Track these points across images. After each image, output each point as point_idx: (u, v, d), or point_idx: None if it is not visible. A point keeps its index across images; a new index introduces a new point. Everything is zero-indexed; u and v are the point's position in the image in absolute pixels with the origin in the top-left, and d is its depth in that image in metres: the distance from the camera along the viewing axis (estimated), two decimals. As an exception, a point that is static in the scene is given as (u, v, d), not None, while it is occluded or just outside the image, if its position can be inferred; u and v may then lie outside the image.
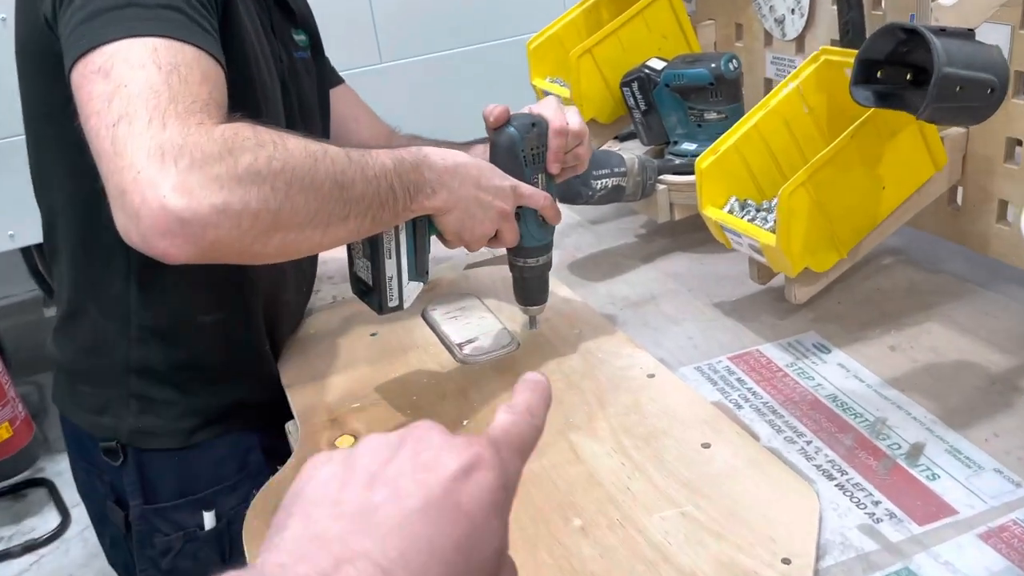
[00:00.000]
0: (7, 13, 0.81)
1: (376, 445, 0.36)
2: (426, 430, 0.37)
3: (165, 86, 0.63)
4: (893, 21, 0.73)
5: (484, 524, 0.34)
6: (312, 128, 0.98)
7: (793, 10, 1.12)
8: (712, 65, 1.07)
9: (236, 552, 0.91)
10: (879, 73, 0.75)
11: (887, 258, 1.06)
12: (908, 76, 0.73)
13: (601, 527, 0.68)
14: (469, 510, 0.33)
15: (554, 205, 0.86)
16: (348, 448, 0.37)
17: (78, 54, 0.65)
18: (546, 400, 0.41)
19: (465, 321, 1.02)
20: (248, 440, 0.96)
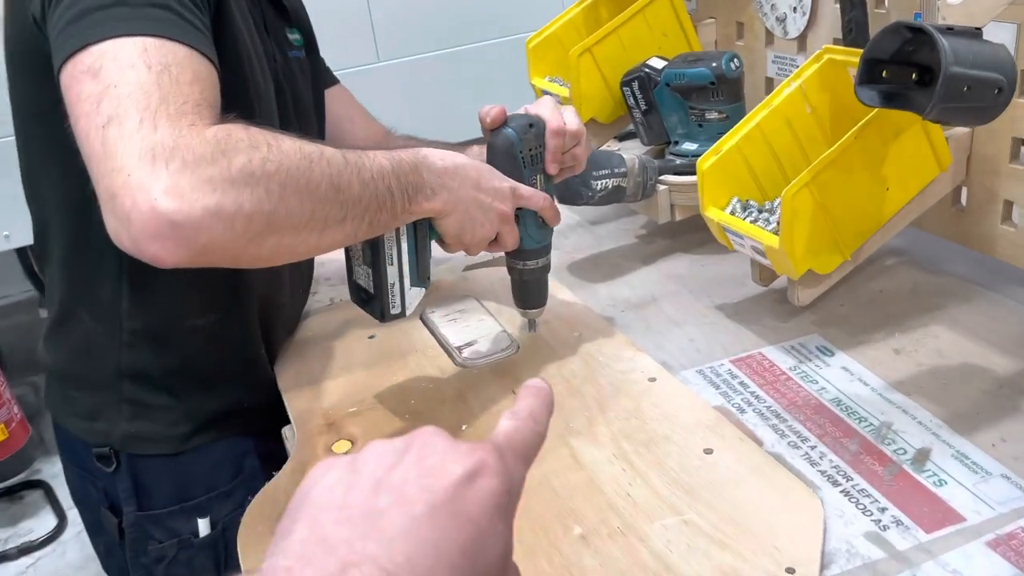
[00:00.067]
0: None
1: (381, 451, 0.36)
2: (431, 435, 0.37)
3: (156, 86, 0.61)
4: (899, 20, 0.72)
5: (489, 529, 0.34)
6: (307, 128, 0.97)
7: (795, 8, 1.10)
8: (713, 64, 1.06)
9: (231, 560, 0.90)
10: (884, 73, 0.74)
11: (890, 259, 1.05)
12: (914, 76, 0.72)
13: (602, 535, 0.67)
14: (474, 515, 0.33)
15: (553, 206, 0.85)
16: (353, 453, 0.37)
17: (67, 54, 0.64)
18: (549, 406, 0.41)
19: (464, 324, 1.01)
20: (243, 445, 0.94)
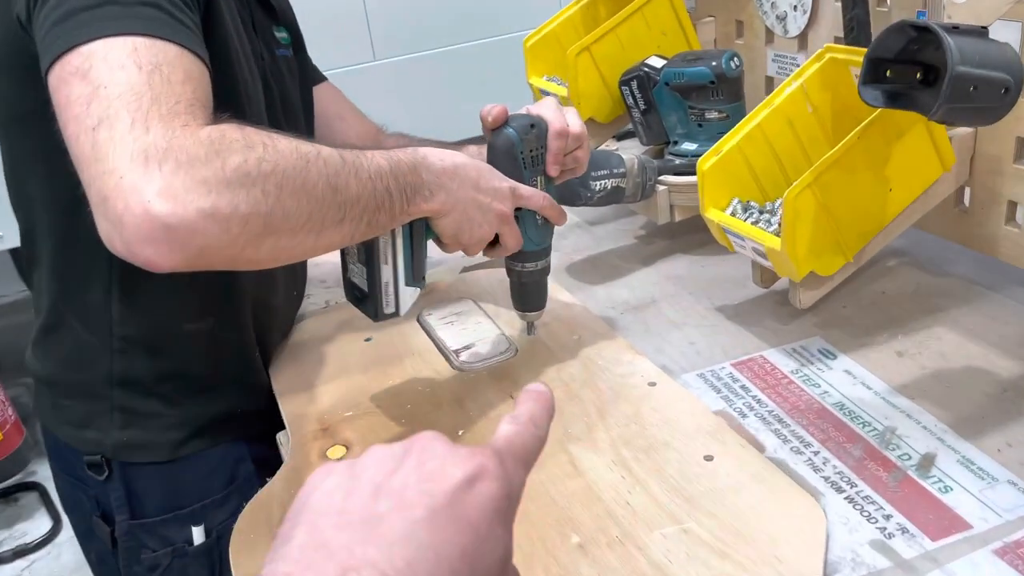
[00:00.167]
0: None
1: (381, 456, 0.36)
2: (430, 440, 0.37)
3: (147, 86, 0.60)
4: (903, 18, 0.70)
5: (489, 533, 0.34)
6: (296, 127, 0.95)
7: (795, 7, 1.09)
8: (713, 63, 1.04)
9: (227, 568, 0.88)
10: (888, 72, 0.72)
11: (892, 260, 1.04)
12: (918, 75, 0.70)
13: (600, 544, 0.66)
14: (474, 520, 0.34)
15: (554, 205, 0.84)
16: (352, 458, 0.37)
17: (55, 56, 0.62)
18: (549, 411, 0.41)
19: (461, 327, 1.00)
20: (238, 451, 0.93)
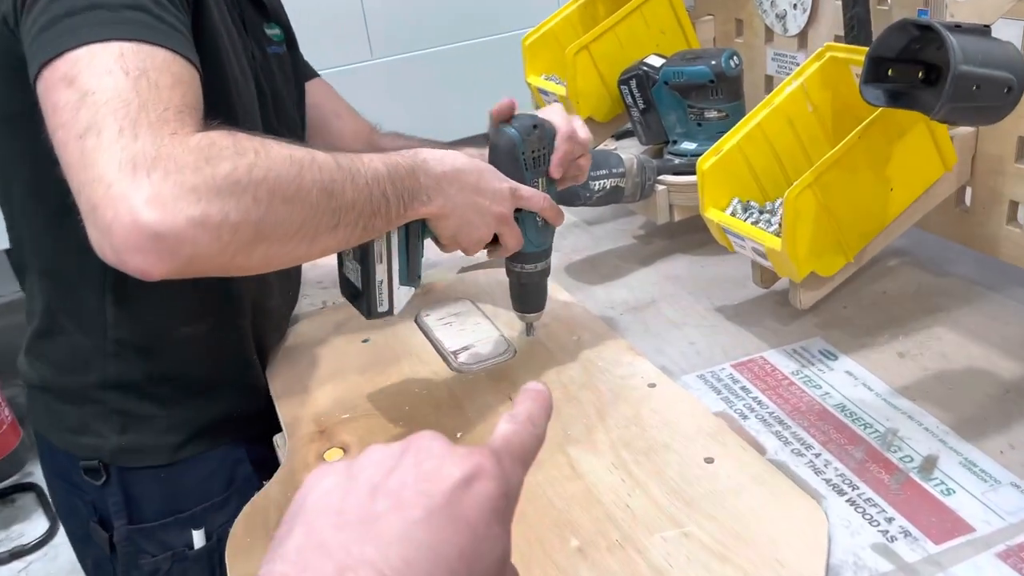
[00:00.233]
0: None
1: (378, 456, 0.36)
2: (428, 440, 0.37)
3: (134, 93, 0.59)
4: (905, 17, 0.70)
5: (486, 533, 0.34)
6: (287, 124, 0.94)
7: (795, 5, 1.09)
8: (713, 62, 1.04)
9: (226, 571, 0.88)
10: (889, 71, 0.72)
11: (893, 260, 1.03)
12: (920, 74, 0.70)
13: (600, 548, 0.65)
14: (471, 519, 0.33)
15: (554, 206, 0.83)
16: (350, 459, 0.37)
17: (42, 62, 0.61)
18: (547, 410, 0.41)
19: (460, 327, 0.99)
20: (237, 454, 0.92)
